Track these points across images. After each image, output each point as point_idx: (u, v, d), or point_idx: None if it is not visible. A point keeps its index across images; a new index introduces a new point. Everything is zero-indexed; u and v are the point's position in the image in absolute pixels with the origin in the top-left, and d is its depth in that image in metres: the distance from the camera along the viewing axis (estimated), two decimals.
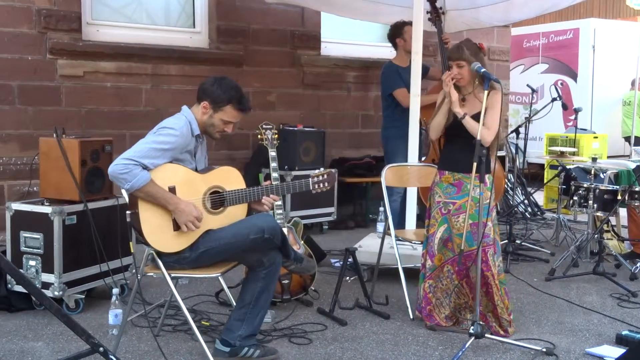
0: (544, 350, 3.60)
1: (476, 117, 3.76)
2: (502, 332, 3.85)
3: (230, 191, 3.42)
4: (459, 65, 3.86)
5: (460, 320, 3.99)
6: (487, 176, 3.93)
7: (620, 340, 3.77)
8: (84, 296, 4.20)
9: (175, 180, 3.30)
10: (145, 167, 3.19)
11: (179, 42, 6.62)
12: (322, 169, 3.66)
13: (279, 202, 4.11)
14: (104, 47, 6.16)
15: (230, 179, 3.47)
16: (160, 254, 3.29)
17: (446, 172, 3.98)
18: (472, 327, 3.53)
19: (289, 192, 3.68)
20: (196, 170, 3.44)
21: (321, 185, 3.58)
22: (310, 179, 3.57)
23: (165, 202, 3.24)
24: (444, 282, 3.97)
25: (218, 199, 3.40)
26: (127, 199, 3.33)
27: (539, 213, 7.87)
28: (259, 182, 6.28)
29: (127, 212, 3.31)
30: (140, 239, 3.31)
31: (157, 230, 3.26)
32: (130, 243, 3.52)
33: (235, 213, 3.44)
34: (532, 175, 9.27)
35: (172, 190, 3.28)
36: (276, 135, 4.13)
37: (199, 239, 3.32)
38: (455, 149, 3.97)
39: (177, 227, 3.28)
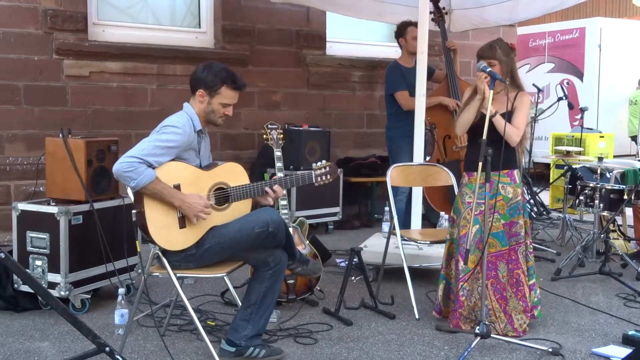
0: (550, 350, 3.59)
1: (504, 117, 3.76)
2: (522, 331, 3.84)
3: (234, 187, 3.41)
4: (491, 64, 3.83)
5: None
6: (515, 172, 3.94)
7: (626, 340, 3.76)
8: (90, 296, 4.21)
9: (180, 178, 3.30)
10: (150, 165, 3.19)
11: (184, 42, 6.64)
12: (323, 161, 3.65)
13: (284, 202, 4.12)
14: (110, 48, 6.18)
15: (234, 174, 3.47)
16: (165, 253, 3.29)
17: (474, 173, 3.86)
18: (477, 327, 3.53)
19: (293, 186, 3.68)
20: (200, 166, 3.45)
21: (324, 177, 3.59)
22: (312, 171, 3.58)
23: (172, 198, 3.24)
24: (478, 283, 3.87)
25: (222, 195, 3.39)
26: (132, 199, 3.34)
27: (544, 213, 7.83)
28: None
29: (133, 211, 3.31)
30: (146, 238, 3.32)
31: (163, 228, 3.26)
32: (137, 242, 3.52)
33: (240, 209, 3.43)
34: (538, 175, 9.25)
35: (177, 188, 3.28)
36: (281, 135, 4.13)
37: (204, 236, 3.32)
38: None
39: (182, 224, 3.29)
